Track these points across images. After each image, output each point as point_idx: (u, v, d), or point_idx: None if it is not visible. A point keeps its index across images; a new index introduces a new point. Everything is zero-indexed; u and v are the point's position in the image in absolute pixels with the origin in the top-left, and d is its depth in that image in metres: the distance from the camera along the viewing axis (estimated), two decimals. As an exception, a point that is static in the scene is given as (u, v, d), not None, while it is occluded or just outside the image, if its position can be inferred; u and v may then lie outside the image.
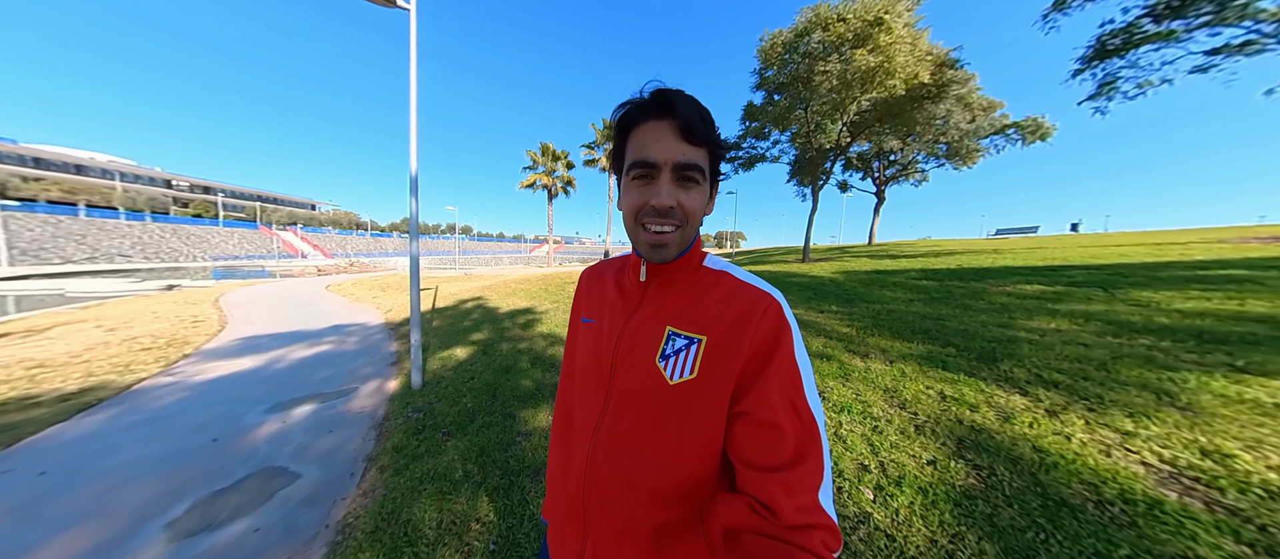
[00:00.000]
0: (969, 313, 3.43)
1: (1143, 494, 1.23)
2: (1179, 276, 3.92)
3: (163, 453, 2.08)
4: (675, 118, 0.40)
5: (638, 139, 0.42)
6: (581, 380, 0.52)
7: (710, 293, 0.46)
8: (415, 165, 2.96)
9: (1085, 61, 8.81)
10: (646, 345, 0.45)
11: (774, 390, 0.39)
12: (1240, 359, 2.03)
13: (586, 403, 0.50)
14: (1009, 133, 14.78)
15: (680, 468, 0.42)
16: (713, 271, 0.48)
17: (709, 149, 0.42)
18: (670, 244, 0.43)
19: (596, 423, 0.47)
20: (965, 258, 8.05)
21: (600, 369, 0.49)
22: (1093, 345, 2.40)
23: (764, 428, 0.38)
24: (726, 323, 0.43)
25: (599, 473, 0.46)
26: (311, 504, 1.68)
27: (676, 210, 0.42)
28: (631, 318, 0.48)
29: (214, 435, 2.29)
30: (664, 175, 0.41)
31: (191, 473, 1.89)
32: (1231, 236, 8.35)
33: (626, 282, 0.52)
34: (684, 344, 0.43)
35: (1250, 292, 3.13)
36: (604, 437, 0.46)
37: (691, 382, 0.42)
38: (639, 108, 0.43)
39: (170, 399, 2.84)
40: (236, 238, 39.55)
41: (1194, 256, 5.35)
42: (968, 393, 1.98)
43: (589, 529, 0.47)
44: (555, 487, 0.55)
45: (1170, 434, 1.50)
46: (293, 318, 6.26)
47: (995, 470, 1.41)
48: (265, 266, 24.43)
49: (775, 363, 0.40)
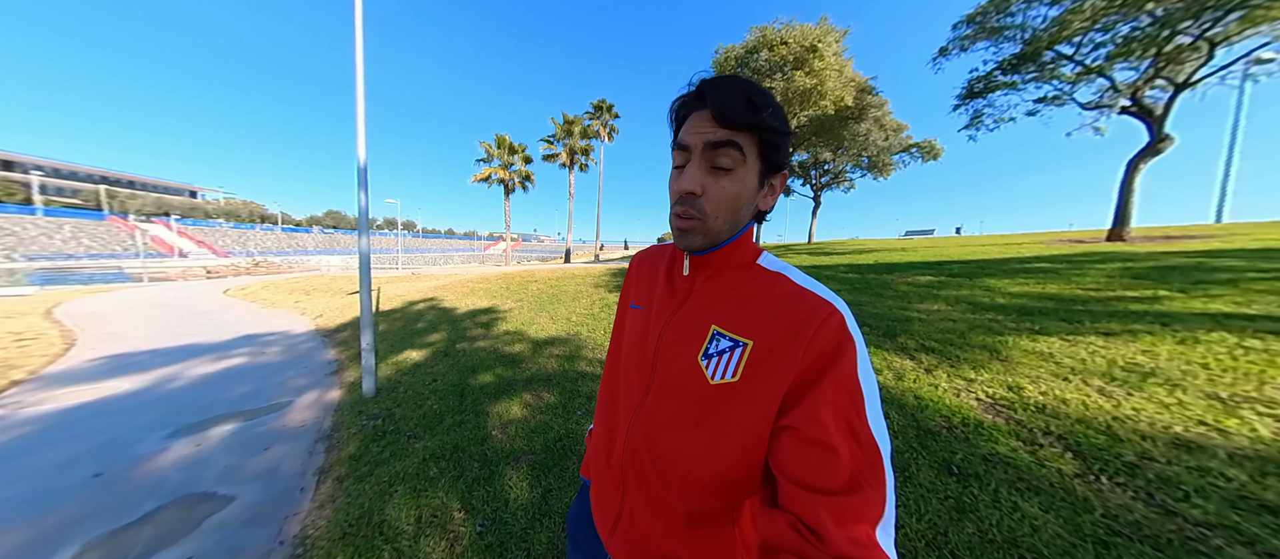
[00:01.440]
0: (880, 299, 4.24)
1: (974, 419, 1.75)
2: (1014, 268, 5.29)
3: (21, 497, 1.68)
4: (709, 105, 0.39)
5: (682, 130, 0.42)
6: (626, 365, 0.52)
7: (764, 295, 0.43)
8: (363, 153, 2.70)
9: (961, 98, 11.36)
10: (690, 341, 0.44)
11: (827, 408, 0.35)
12: (1037, 325, 2.90)
13: (630, 387, 0.50)
14: (912, 151, 17.92)
15: (715, 463, 0.41)
16: (769, 272, 0.45)
17: (754, 133, 0.39)
18: (692, 230, 0.42)
19: (637, 407, 0.48)
20: (882, 255, 9.67)
21: (645, 357, 0.48)
22: (958, 321, 3.19)
23: (814, 447, 0.35)
24: (778, 329, 0.40)
25: (637, 452, 0.47)
26: (256, 523, 1.53)
27: (699, 199, 0.40)
28: (678, 311, 0.47)
29: (94, 470, 1.89)
30: (695, 159, 0.40)
31: (72, 513, 1.57)
32: (1048, 239, 11.35)
33: (675, 273, 0.51)
34: (728, 346, 0.42)
35: (1049, 278, 4.40)
36: (643, 421, 0.47)
37: (732, 385, 0.40)
38: (685, 101, 0.43)
39: (8, 436, 2.23)
40: (67, 231, 29.97)
41: (1024, 253, 7.21)
42: (875, 361, 2.52)
43: (627, 498, 0.48)
44: (598, 453, 0.56)
45: (993, 378, 2.12)
46: (181, 329, 5.13)
47: (889, 414, 1.87)
48: (123, 268, 18.96)
49: (832, 378, 0.36)
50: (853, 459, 0.35)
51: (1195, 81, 8.95)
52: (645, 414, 0.47)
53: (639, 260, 0.60)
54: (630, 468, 0.48)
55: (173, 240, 33.57)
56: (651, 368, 0.47)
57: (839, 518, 0.32)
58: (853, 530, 0.32)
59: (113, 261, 23.88)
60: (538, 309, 5.03)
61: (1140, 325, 2.64)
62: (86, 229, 31.58)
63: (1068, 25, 8.75)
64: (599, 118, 23.97)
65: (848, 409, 0.36)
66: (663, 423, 0.45)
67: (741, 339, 0.42)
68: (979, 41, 10.44)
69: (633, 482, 0.48)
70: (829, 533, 0.32)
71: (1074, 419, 1.66)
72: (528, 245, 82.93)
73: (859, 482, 0.34)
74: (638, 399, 0.48)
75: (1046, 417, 1.70)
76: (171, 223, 37.37)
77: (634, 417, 0.48)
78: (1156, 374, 1.94)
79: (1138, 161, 9.67)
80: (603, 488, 0.53)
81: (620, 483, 0.49)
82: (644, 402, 0.48)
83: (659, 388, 0.46)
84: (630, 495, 0.48)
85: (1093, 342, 2.45)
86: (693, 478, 0.43)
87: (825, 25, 10.65)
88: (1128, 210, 9.57)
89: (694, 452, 0.43)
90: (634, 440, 0.48)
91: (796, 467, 0.36)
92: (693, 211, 0.41)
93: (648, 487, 0.46)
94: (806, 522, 0.33)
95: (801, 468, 0.35)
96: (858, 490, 0.33)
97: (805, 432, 0.36)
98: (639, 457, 0.47)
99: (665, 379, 0.46)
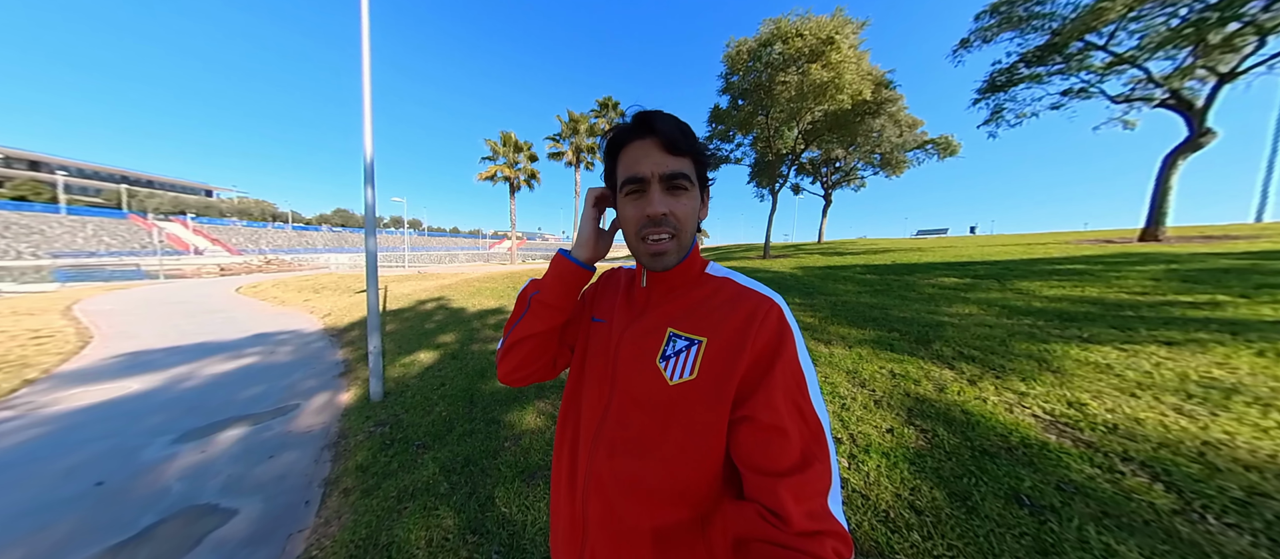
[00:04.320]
0: (906, 302, 4.03)
1: (1035, 439, 1.58)
2: (1044, 270, 5.01)
3: (20, 508, 1.61)
4: (657, 134, 0.44)
5: (627, 159, 0.46)
6: (588, 379, 0.53)
7: (713, 298, 0.47)
8: (370, 149, 2.61)
9: (981, 92, 10.89)
10: (648, 346, 0.47)
11: (778, 394, 0.39)
12: (1085, 332, 2.68)
13: (591, 401, 0.51)
14: (928, 147, 17.36)
15: (680, 469, 0.42)
16: (715, 278, 0.50)
17: (692, 158, 0.46)
18: (669, 251, 0.46)
19: (599, 420, 0.48)
20: (898, 255, 9.37)
21: (605, 367, 0.50)
22: (994, 326, 2.98)
23: (769, 431, 0.38)
24: (728, 326, 0.44)
25: (599, 472, 0.46)
26: (258, 542, 1.44)
27: (669, 218, 0.44)
28: (635, 322, 0.50)
29: (97, 478, 1.83)
30: (654, 187, 0.44)
31: (70, 528, 1.50)
32: (1072, 239, 10.87)
33: (634, 289, 0.55)
34: (684, 345, 0.44)
35: (1087, 281, 4.14)
36: (606, 435, 0.47)
37: (691, 382, 0.43)
38: (624, 130, 0.47)
39: (15, 440, 2.19)
40: (90, 229, 31.05)
41: (1052, 254, 6.88)
42: (911, 370, 2.34)
43: (588, 537, 0.47)
44: (558, 486, 0.55)
45: (1048, 392, 1.93)
46: (195, 327, 5.16)
47: (937, 432, 1.70)
48: (140, 265, 19.48)
49: (779, 366, 0.40)
50: (802, 437, 0.38)
51: (1242, 71, 8.41)
52: (608, 433, 0.47)
53: (606, 277, 0.62)
54: (593, 498, 0.47)
55: (189, 238, 34.50)
56: (612, 378, 0.49)
57: (797, 495, 0.36)
58: (809, 505, 0.36)
59: (131, 259, 24.58)
60: (547, 309, 4.92)
61: (1206, 334, 2.42)
62: (108, 227, 32.64)
63: (1104, 13, 8.25)
64: (605, 116, 23.80)
65: (794, 392, 0.40)
66: (625, 434, 0.46)
67: (696, 337, 0.45)
68: (1003, 32, 9.98)
69: (594, 516, 0.46)
70: (790, 513, 0.35)
71: (1156, 443, 1.47)
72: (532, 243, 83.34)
73: (809, 457, 0.38)
74: (600, 412, 0.49)
75: (1121, 439, 1.52)
76: (188, 221, 38.37)
77: (596, 432, 0.48)
78: (1241, 391, 1.74)
79: (1175, 157, 9.15)
80: (562, 529, 0.52)
81: (582, 521, 0.48)
82: (607, 413, 0.48)
83: (620, 398, 0.47)
84: (592, 534, 0.47)
85: (1154, 352, 2.24)
86: (658, 489, 0.43)
87: (841, 16, 10.28)
88: (1163, 209, 9.08)
89: (658, 460, 0.43)
90: (596, 458, 0.47)
91: (755, 453, 0.39)
92: (665, 232, 0.45)
93: (612, 517, 0.45)
94: (770, 506, 0.36)
95: (760, 454, 0.38)
96: (809, 466, 0.37)
97: (760, 419, 0.39)
98: (601, 477, 0.46)
99: (626, 386, 0.47)
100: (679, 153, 0.44)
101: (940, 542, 1.17)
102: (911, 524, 1.24)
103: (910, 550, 1.16)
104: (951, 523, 1.23)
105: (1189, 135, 9.16)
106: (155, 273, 15.25)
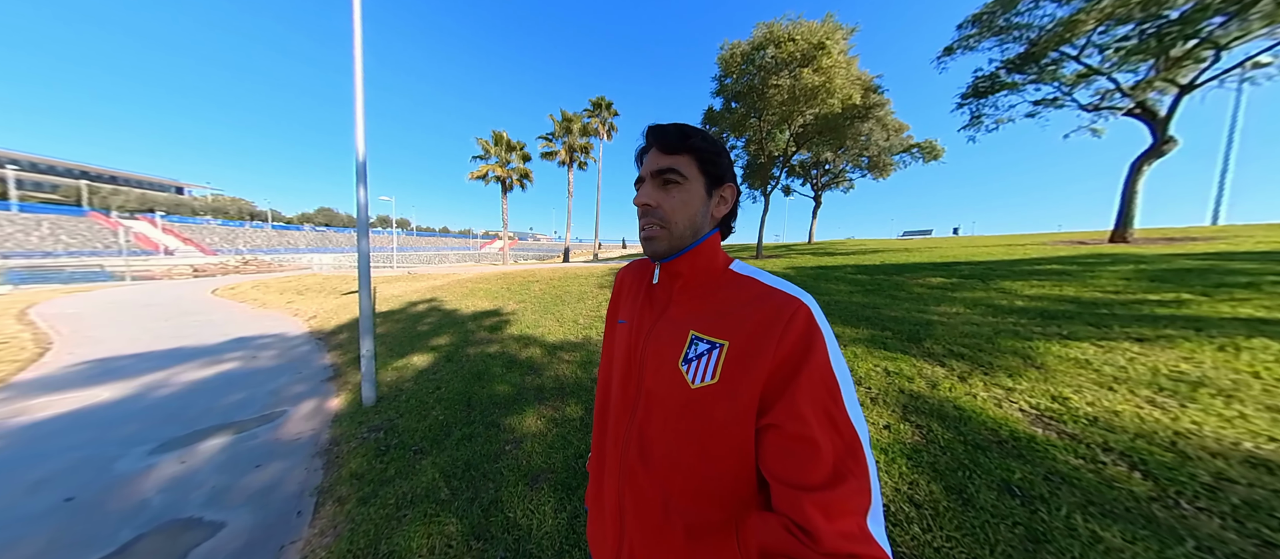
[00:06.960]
0: (896, 302, 4.14)
1: (1023, 432, 1.65)
2: (1025, 270, 5.24)
3: (-18, 525, 1.50)
4: (658, 139, 0.49)
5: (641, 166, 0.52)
6: (617, 380, 0.54)
7: (736, 298, 0.46)
8: (362, 148, 2.53)
9: (964, 97, 11.34)
10: (671, 348, 0.47)
11: (805, 401, 0.37)
12: (1064, 329, 2.81)
13: (620, 403, 0.52)
14: (913, 151, 17.92)
15: (707, 470, 0.42)
16: (739, 277, 0.49)
17: (691, 155, 0.47)
18: (657, 238, 0.48)
19: (629, 421, 0.49)
20: (886, 255, 9.62)
21: (631, 369, 0.51)
22: (981, 324, 3.10)
23: (796, 441, 0.36)
24: (750, 328, 0.42)
25: (633, 470, 0.47)
26: (249, 555, 1.38)
27: (655, 209, 0.47)
28: (659, 320, 0.50)
29: (66, 494, 1.72)
30: (646, 182, 0.49)
31: (36, 547, 1.41)
32: (1048, 240, 11.41)
33: (651, 287, 0.55)
34: (706, 349, 0.44)
35: (1065, 281, 4.35)
36: (636, 435, 0.48)
37: (712, 387, 0.42)
38: (642, 148, 0.52)
39: (-25, 451, 2.04)
40: (46, 227, 29.09)
41: (1031, 255, 7.19)
42: (904, 368, 2.41)
43: (626, 530, 0.48)
44: (595, 481, 0.58)
45: (1033, 387, 2.02)
46: (169, 331, 4.91)
47: (931, 428, 1.76)
48: (104, 266, 18.36)
49: (807, 371, 0.38)
50: (834, 449, 0.36)
51: (1199, 84, 8.97)
52: (636, 430, 0.48)
53: (624, 275, 0.63)
54: (627, 493, 0.48)
55: (158, 238, 32.71)
56: (639, 379, 0.49)
57: (828, 513, 0.33)
58: (842, 524, 0.33)
59: (93, 259, 23.13)
60: (543, 311, 4.87)
61: (1172, 330, 2.57)
62: (66, 226, 30.65)
63: (1078, 25, 8.69)
64: (598, 116, 23.68)
65: (825, 400, 0.38)
66: (653, 434, 0.46)
67: (718, 340, 0.44)
68: (985, 39, 10.40)
69: (630, 510, 0.47)
70: (819, 530, 0.32)
71: (1132, 434, 1.56)
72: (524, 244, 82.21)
73: (842, 472, 0.35)
74: (629, 413, 0.50)
75: (1101, 430, 1.60)
76: (157, 220, 36.35)
77: (627, 431, 0.49)
78: (1206, 384, 1.85)
79: (1141, 163, 9.70)
80: (600, 521, 0.53)
81: (618, 514, 0.49)
82: (634, 416, 0.49)
83: (647, 399, 0.48)
84: (629, 525, 0.48)
85: (1128, 348, 2.37)
86: (687, 489, 0.43)
87: (832, 22, 10.52)
88: (1131, 212, 9.60)
89: (686, 461, 0.43)
90: (628, 457, 0.48)
91: (781, 464, 0.37)
92: (653, 221, 0.48)
93: (645, 511, 0.46)
94: (797, 521, 0.34)
95: (786, 465, 0.37)
96: (842, 482, 0.34)
97: (787, 428, 0.37)
98: (635, 476, 0.47)
99: (651, 389, 0.47)
100: (673, 152, 0.47)
101: (939, 533, 1.21)
102: (911, 517, 1.28)
103: (911, 543, 1.20)
104: (949, 515, 1.27)
105: (1153, 143, 9.73)
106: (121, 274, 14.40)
